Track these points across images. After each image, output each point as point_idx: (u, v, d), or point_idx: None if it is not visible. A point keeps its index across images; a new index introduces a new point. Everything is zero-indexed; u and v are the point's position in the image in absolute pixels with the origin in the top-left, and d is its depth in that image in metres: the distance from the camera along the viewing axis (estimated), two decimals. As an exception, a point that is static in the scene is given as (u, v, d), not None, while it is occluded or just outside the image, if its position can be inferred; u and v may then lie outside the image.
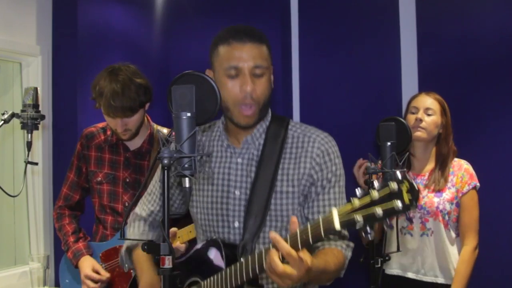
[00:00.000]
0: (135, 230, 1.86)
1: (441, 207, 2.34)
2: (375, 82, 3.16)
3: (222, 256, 1.56)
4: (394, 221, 2.29)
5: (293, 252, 1.30)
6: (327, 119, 3.23)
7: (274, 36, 3.29)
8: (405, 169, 2.42)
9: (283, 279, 1.33)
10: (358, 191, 1.21)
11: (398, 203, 1.11)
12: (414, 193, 1.11)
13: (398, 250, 2.13)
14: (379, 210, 1.14)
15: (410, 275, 2.41)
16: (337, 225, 1.22)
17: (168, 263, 1.32)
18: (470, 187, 2.36)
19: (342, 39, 3.26)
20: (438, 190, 2.37)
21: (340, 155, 1.69)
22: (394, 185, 1.13)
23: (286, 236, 1.36)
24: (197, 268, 1.64)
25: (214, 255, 1.59)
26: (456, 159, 2.44)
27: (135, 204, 2.39)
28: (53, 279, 3.02)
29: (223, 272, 1.52)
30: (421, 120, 2.40)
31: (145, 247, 1.35)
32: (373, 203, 1.15)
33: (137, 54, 3.39)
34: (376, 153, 2.20)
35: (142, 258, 1.74)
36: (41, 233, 3.14)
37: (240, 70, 1.57)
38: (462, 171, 2.39)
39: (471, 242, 2.33)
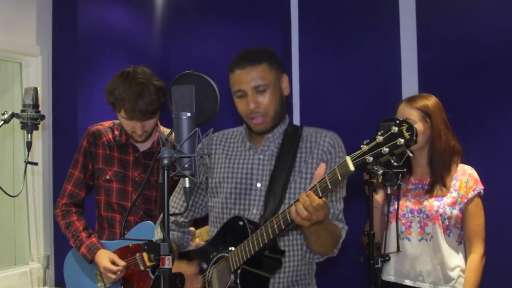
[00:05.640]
0: (159, 231, 2.07)
1: (441, 211, 2.26)
2: (375, 82, 3.16)
3: (247, 227, 1.78)
4: (394, 224, 2.29)
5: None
6: (327, 119, 3.23)
7: (274, 36, 3.28)
8: (404, 170, 2.42)
9: (315, 212, 1.59)
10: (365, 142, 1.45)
11: (401, 140, 1.33)
12: (413, 130, 1.33)
13: (398, 250, 2.12)
14: (385, 149, 1.37)
15: (408, 282, 2.31)
16: (352, 167, 1.45)
17: (168, 263, 1.32)
18: (475, 192, 2.27)
19: (342, 39, 3.26)
20: (440, 196, 2.29)
21: (345, 150, 1.96)
22: (395, 128, 1.35)
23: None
24: (223, 243, 1.86)
25: (241, 226, 1.81)
26: (460, 164, 2.33)
27: (140, 202, 2.42)
28: (53, 279, 3.02)
29: (248, 239, 1.74)
30: None
31: (145, 247, 1.35)
32: (379, 145, 1.39)
33: (137, 54, 3.39)
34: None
35: None
36: (41, 233, 3.13)
37: (244, 91, 1.88)
38: (466, 176, 2.29)
39: (478, 249, 2.25)
